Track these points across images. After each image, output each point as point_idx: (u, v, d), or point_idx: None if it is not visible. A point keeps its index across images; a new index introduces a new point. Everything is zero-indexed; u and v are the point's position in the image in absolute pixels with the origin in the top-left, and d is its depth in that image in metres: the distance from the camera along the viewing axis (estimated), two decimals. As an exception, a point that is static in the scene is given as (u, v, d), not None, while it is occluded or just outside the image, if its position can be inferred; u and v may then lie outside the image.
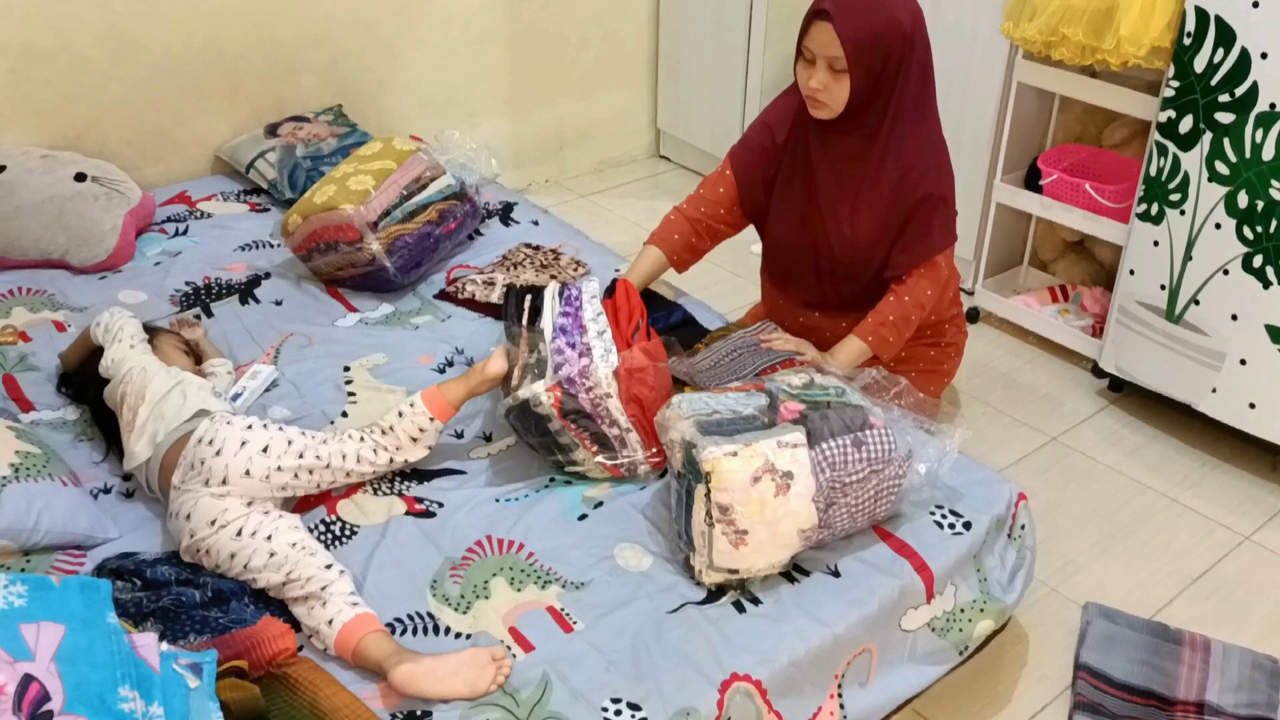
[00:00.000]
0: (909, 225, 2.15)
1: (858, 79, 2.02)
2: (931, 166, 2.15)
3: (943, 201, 2.15)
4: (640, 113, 4.05)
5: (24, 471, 1.74)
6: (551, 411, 1.85)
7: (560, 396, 1.85)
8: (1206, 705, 1.95)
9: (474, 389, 1.89)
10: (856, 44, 1.97)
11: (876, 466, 1.73)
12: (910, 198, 2.12)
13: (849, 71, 2.00)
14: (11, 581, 1.31)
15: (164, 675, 1.35)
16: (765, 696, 1.58)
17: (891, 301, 2.18)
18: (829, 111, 2.08)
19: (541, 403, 1.84)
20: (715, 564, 1.67)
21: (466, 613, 1.66)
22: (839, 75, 2.02)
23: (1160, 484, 2.54)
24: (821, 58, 2.01)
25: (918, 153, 2.13)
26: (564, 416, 1.85)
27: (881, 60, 2.02)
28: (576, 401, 1.86)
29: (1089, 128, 3.01)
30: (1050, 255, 3.20)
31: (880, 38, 1.99)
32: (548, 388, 1.85)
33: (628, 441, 1.91)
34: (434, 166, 2.64)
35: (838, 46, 1.97)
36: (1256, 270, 2.37)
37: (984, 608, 1.86)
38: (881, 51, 2.01)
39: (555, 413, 1.85)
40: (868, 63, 2.00)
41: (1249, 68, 2.27)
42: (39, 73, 2.74)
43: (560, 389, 1.86)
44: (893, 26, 2.00)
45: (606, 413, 1.88)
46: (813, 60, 2.03)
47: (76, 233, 2.55)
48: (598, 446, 1.89)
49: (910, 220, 2.14)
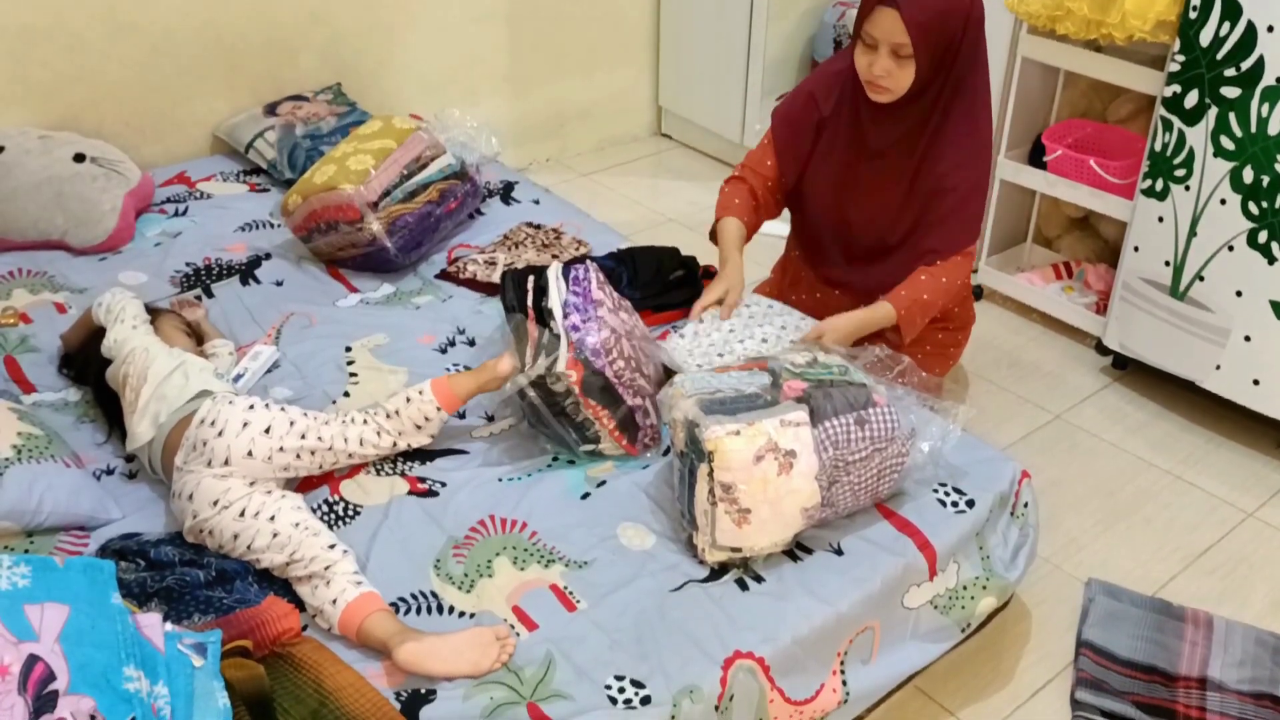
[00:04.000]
0: (948, 210, 2.14)
1: (923, 64, 2.00)
2: (975, 152, 2.14)
3: (981, 190, 2.15)
4: (642, 90, 4.02)
5: (26, 453, 1.74)
6: (572, 388, 1.84)
7: (582, 373, 1.84)
8: (1209, 681, 1.95)
9: (483, 385, 1.89)
10: (923, 29, 1.96)
11: (879, 445, 1.72)
12: (952, 183, 2.11)
13: (914, 57, 1.98)
14: (15, 562, 1.31)
15: (169, 655, 1.36)
16: (768, 674, 1.59)
17: (925, 281, 2.15)
18: (891, 96, 2.06)
19: (560, 379, 1.84)
20: (718, 542, 1.67)
21: (470, 592, 1.66)
22: (903, 61, 2.00)
23: (1164, 461, 2.54)
24: (885, 44, 1.99)
25: (964, 137, 2.12)
26: (585, 394, 1.85)
27: (945, 42, 2.00)
28: (602, 376, 1.85)
29: (1094, 103, 2.99)
30: (1055, 232, 3.18)
31: (945, 19, 1.98)
32: (567, 364, 1.84)
33: (650, 411, 1.91)
34: (434, 145, 2.63)
35: (904, 34, 1.95)
36: (1262, 246, 2.36)
37: (986, 585, 1.86)
38: (946, 34, 2.00)
39: (576, 389, 1.84)
40: (932, 47, 1.99)
41: (1255, 41, 2.26)
42: (37, 53, 2.72)
43: (582, 365, 1.85)
44: (956, 7, 1.99)
45: (631, 382, 1.88)
46: (874, 45, 2.01)
47: (75, 214, 2.54)
48: (616, 425, 1.89)
49: (949, 205, 2.13)
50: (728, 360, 2.05)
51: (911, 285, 2.14)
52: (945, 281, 2.15)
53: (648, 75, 4.00)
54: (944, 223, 2.14)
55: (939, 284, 2.15)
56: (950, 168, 2.11)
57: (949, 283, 2.16)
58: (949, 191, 2.12)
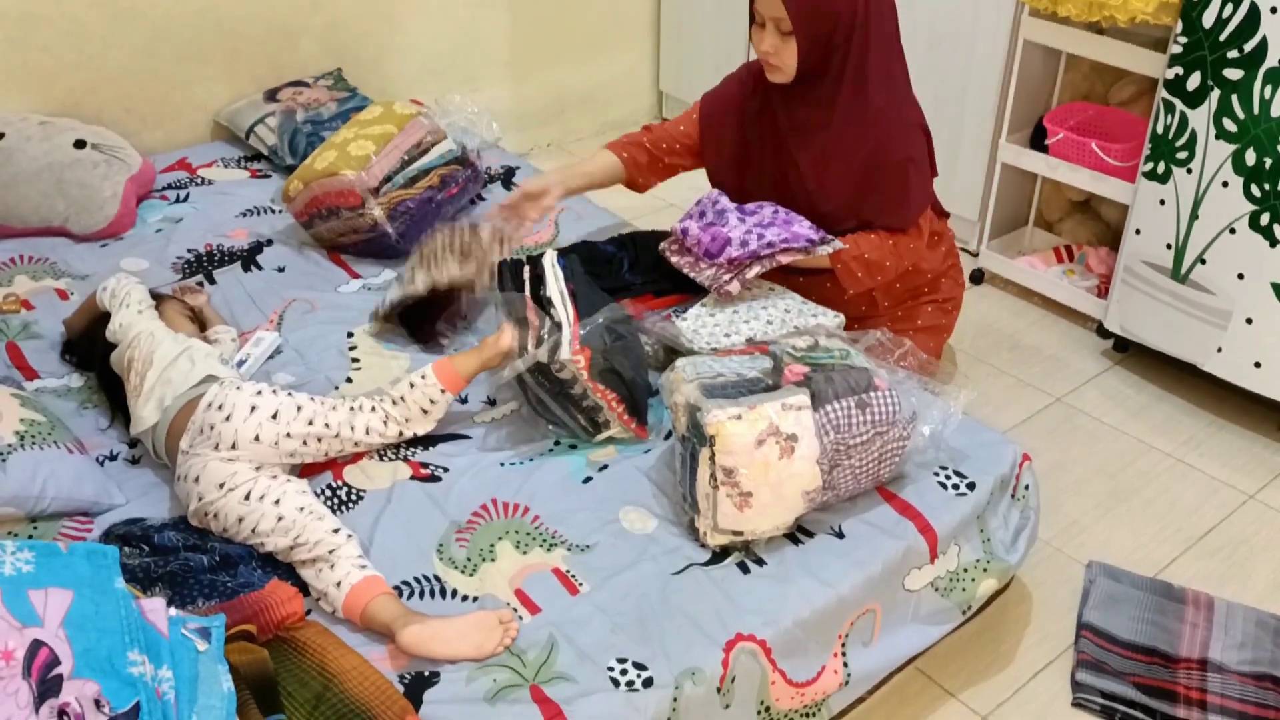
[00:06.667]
0: (886, 191, 2.16)
1: (804, 42, 2.04)
2: (901, 130, 2.16)
3: (914, 162, 2.16)
4: (643, 75, 4.01)
5: (29, 439, 1.75)
6: (579, 374, 1.84)
7: (590, 357, 1.85)
8: (1210, 663, 1.96)
9: (486, 362, 1.89)
10: (799, 6, 1.99)
11: (881, 428, 1.72)
12: (885, 164, 2.14)
13: (794, 34, 2.02)
14: (19, 548, 1.32)
15: (173, 639, 1.36)
16: (770, 656, 1.59)
17: (873, 240, 2.19)
18: (783, 75, 2.11)
19: (565, 366, 1.84)
20: (720, 526, 1.68)
21: (473, 575, 1.67)
22: (786, 38, 2.04)
23: (1165, 444, 2.54)
24: (769, 19, 2.05)
25: (886, 119, 2.13)
26: (593, 378, 1.85)
27: (830, 24, 2.04)
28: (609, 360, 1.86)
29: (1095, 85, 2.98)
30: (1056, 215, 3.18)
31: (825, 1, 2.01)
32: (573, 350, 1.84)
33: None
34: (435, 131, 2.63)
35: (781, 9, 2.00)
36: (1264, 228, 2.35)
37: (987, 568, 1.86)
38: (829, 15, 2.03)
39: (584, 374, 1.84)
40: (813, 26, 2.02)
41: (1258, 22, 2.25)
42: (37, 39, 2.72)
43: (588, 350, 1.85)
44: None
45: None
46: (763, 24, 2.06)
47: (76, 200, 2.54)
48: (625, 408, 1.89)
49: (886, 185, 2.16)
50: (734, 341, 2.06)
51: (854, 240, 2.18)
52: (893, 245, 2.19)
53: (648, 59, 3.99)
54: (881, 205, 2.18)
55: (885, 245, 2.19)
56: (880, 153, 2.13)
57: (897, 246, 2.19)
58: (886, 174, 2.15)
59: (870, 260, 2.18)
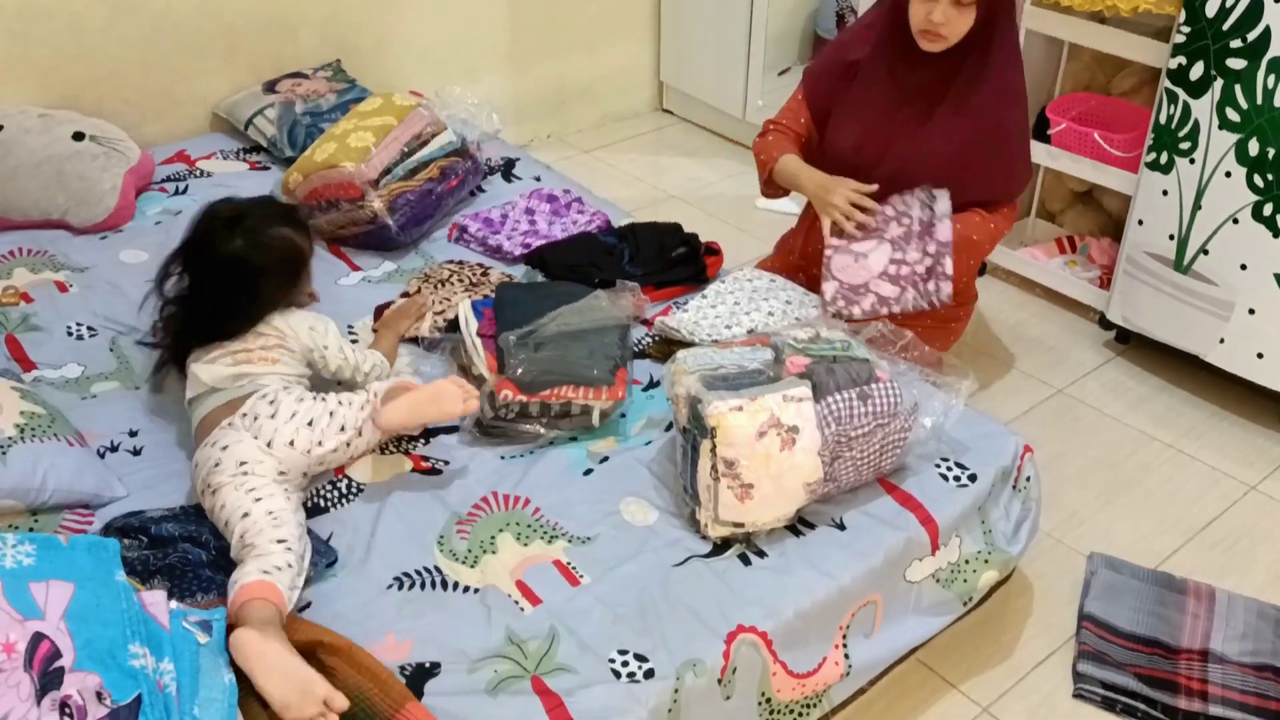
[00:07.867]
0: (999, 159, 2.18)
1: (984, 12, 2.05)
2: (1015, 101, 2.18)
3: (1025, 137, 2.19)
4: (643, 66, 4.00)
5: (29, 432, 1.74)
6: (520, 400, 1.85)
7: (518, 380, 1.85)
8: (1211, 654, 1.96)
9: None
10: None
11: (882, 420, 1.72)
12: (997, 133, 2.15)
13: (975, 3, 2.03)
14: (20, 541, 1.32)
15: (173, 632, 1.37)
16: (771, 648, 1.59)
17: (976, 221, 2.19)
18: (945, 44, 2.10)
19: (506, 405, 1.85)
20: (721, 518, 1.68)
21: (474, 567, 1.67)
22: (964, 9, 2.04)
23: (1166, 435, 2.54)
24: None
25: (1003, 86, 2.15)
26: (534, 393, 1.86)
27: None
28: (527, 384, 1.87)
29: (1098, 75, 2.97)
30: (1058, 206, 3.17)
31: None
32: (497, 386, 1.85)
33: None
34: (434, 122, 2.62)
35: None
36: (1267, 219, 2.35)
37: (988, 559, 1.86)
38: None
39: (524, 397, 1.85)
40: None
41: (1261, 12, 2.24)
42: (36, 31, 2.71)
43: (510, 382, 1.85)
44: None
45: None
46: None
47: (76, 192, 2.54)
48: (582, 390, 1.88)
49: (1001, 154, 2.18)
50: (735, 332, 2.05)
51: (962, 221, 2.17)
52: (994, 227, 2.20)
53: (649, 51, 3.98)
54: (989, 170, 2.19)
55: (988, 227, 2.19)
56: (991, 116, 2.15)
57: (996, 229, 2.20)
58: (991, 139, 2.16)
59: (975, 241, 2.20)
